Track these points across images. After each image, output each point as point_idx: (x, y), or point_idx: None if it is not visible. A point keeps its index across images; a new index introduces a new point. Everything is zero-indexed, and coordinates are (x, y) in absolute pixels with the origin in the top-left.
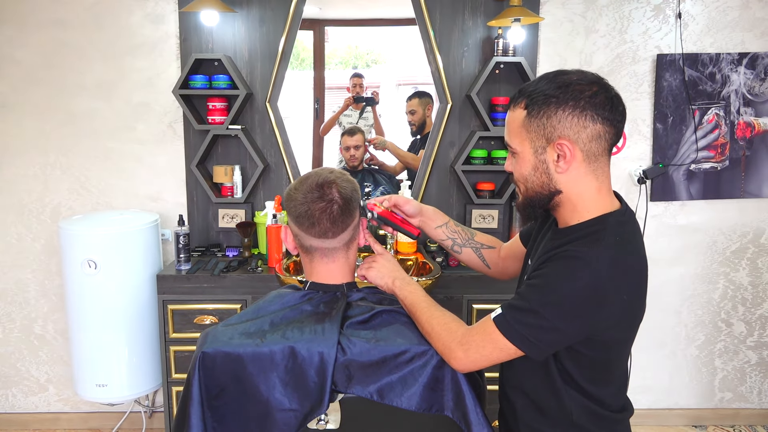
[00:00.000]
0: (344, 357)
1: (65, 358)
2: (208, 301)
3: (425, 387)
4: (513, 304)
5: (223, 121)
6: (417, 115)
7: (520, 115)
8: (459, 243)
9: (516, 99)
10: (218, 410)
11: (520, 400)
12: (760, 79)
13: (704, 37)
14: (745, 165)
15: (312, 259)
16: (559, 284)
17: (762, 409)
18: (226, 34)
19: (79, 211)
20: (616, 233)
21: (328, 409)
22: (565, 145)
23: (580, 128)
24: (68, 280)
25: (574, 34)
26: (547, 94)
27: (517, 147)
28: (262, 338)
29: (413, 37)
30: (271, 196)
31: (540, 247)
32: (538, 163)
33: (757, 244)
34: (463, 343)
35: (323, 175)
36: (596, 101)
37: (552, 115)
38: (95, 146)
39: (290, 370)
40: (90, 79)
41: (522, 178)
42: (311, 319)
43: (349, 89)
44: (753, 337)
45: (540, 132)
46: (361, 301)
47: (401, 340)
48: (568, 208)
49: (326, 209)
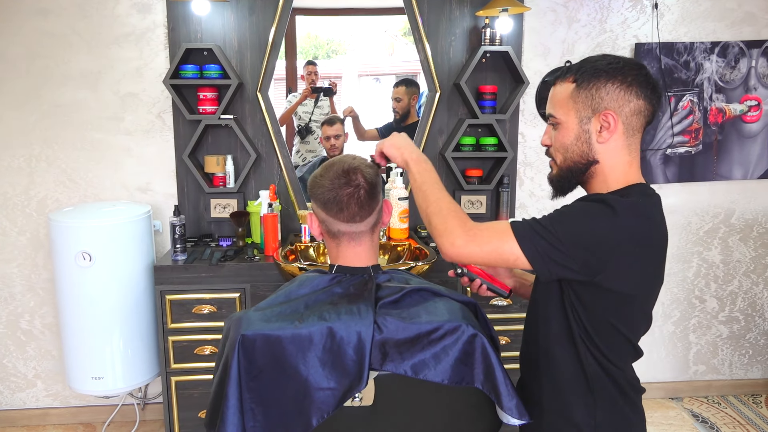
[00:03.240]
0: (380, 335)
1: (54, 353)
2: (206, 291)
3: (456, 361)
4: (532, 220)
5: (215, 111)
6: (402, 103)
7: (567, 87)
8: (529, 284)
9: (563, 75)
10: (256, 391)
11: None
12: (731, 67)
13: (679, 27)
14: (717, 149)
15: (339, 244)
16: (581, 219)
17: (733, 380)
18: (215, 23)
19: (66, 203)
20: (642, 197)
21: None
22: (610, 115)
23: (624, 102)
24: (60, 273)
25: (557, 24)
26: (598, 68)
27: (562, 117)
28: (300, 320)
29: (376, 27)
30: (262, 185)
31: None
32: (582, 133)
33: (728, 224)
34: (468, 230)
35: (347, 162)
36: (641, 80)
37: (601, 87)
38: (82, 137)
39: (329, 350)
40: (75, 69)
41: (562, 148)
42: (344, 300)
43: (303, 78)
44: (724, 312)
45: (587, 102)
46: (389, 282)
47: (433, 317)
48: (600, 179)
49: (354, 194)
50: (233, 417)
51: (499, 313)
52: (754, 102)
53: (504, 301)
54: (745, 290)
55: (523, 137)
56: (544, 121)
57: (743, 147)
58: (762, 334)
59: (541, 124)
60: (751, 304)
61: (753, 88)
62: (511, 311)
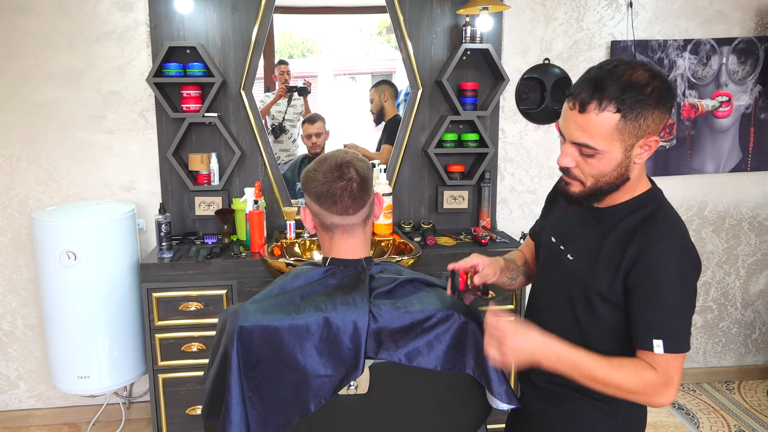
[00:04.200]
0: (375, 324)
1: (37, 354)
2: (193, 288)
3: (449, 348)
4: (678, 324)
5: (198, 109)
6: (375, 102)
7: (610, 119)
8: (513, 276)
9: (594, 100)
10: (254, 380)
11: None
12: (703, 64)
13: (653, 25)
14: (690, 144)
15: (332, 236)
16: (691, 287)
17: (707, 367)
18: (198, 21)
19: (48, 203)
20: (670, 207)
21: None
22: (653, 140)
23: (662, 122)
24: (44, 272)
25: (535, 22)
26: (641, 99)
27: (605, 148)
28: (296, 311)
29: (351, 26)
30: (247, 182)
31: (578, 230)
32: (624, 160)
33: (701, 216)
34: (667, 383)
35: (340, 156)
36: (671, 93)
37: (648, 117)
38: (63, 136)
39: (325, 339)
40: (56, 68)
41: (599, 174)
42: (339, 291)
43: (275, 77)
44: (698, 302)
45: (634, 132)
46: (382, 273)
47: (425, 306)
48: (623, 190)
49: (346, 187)
50: (237, 406)
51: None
52: (725, 98)
53: None
54: (718, 280)
55: (503, 133)
56: (524, 118)
57: (715, 141)
58: (734, 323)
59: (520, 120)
60: (723, 294)
61: (724, 85)
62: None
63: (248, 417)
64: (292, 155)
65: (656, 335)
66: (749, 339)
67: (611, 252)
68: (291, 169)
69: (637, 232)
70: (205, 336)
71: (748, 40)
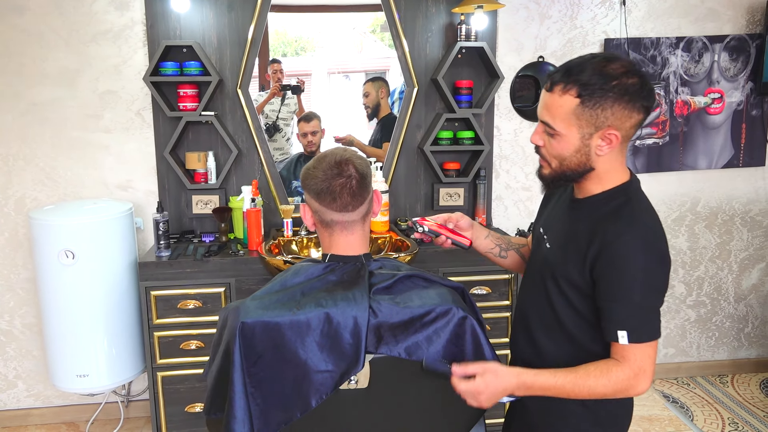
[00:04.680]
0: (375, 319)
1: (35, 353)
2: (191, 286)
3: (448, 342)
4: (642, 312)
5: (195, 108)
6: (370, 97)
7: (570, 102)
8: (504, 248)
9: (561, 82)
10: (256, 376)
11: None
12: (695, 61)
13: (646, 23)
14: (683, 140)
15: (332, 233)
16: (658, 276)
17: (701, 361)
18: (194, 20)
19: (45, 202)
20: (640, 201)
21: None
22: (612, 134)
23: (626, 118)
24: (42, 271)
25: (530, 20)
26: (604, 89)
27: (562, 130)
28: (297, 307)
29: (344, 24)
30: (243, 181)
31: (552, 219)
32: (582, 147)
33: (694, 212)
34: (637, 374)
35: (339, 154)
36: (642, 93)
37: (607, 108)
38: (60, 136)
39: (326, 334)
40: (52, 67)
41: (558, 157)
42: (339, 287)
43: (268, 76)
44: (692, 296)
45: (591, 121)
46: (381, 269)
47: (424, 301)
48: (594, 181)
49: (346, 184)
50: (240, 401)
51: (481, 302)
52: (717, 95)
53: (484, 290)
54: (711, 275)
55: (498, 131)
56: (519, 116)
57: (707, 138)
58: (727, 317)
59: (515, 117)
60: (716, 288)
61: (716, 81)
62: (492, 299)
63: (251, 412)
64: (287, 154)
65: (620, 326)
66: (742, 333)
67: (579, 243)
68: (287, 168)
69: (602, 225)
70: (204, 334)
71: (740, 38)
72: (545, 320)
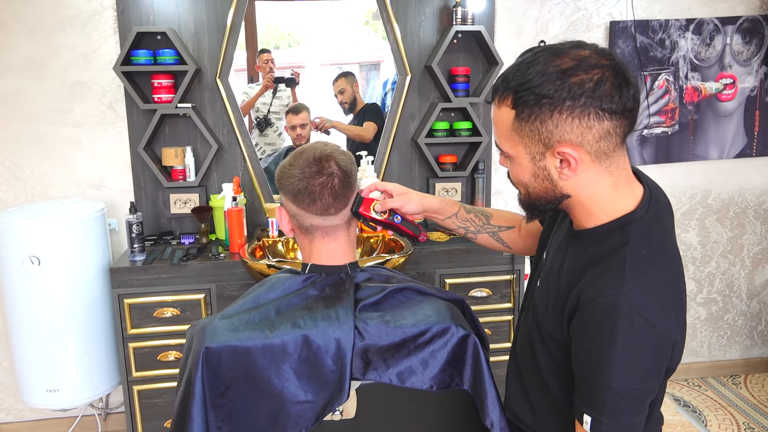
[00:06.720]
0: (362, 342)
1: (4, 364)
2: (168, 293)
3: (446, 364)
4: (587, 396)
5: (171, 100)
6: (347, 93)
7: (507, 115)
8: (473, 230)
9: (499, 91)
10: (224, 408)
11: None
12: (706, 45)
13: (654, 4)
14: (693, 129)
15: (312, 240)
16: (607, 345)
17: (712, 361)
18: (169, 5)
19: (11, 203)
20: (645, 244)
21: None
22: (567, 152)
23: (583, 129)
24: (5, 280)
25: (530, 2)
26: (538, 94)
27: (510, 151)
28: (271, 328)
29: (337, 15)
30: (226, 178)
31: (554, 246)
32: (538, 170)
33: (704, 205)
34: None
35: (319, 149)
36: (600, 93)
37: (546, 120)
38: (26, 131)
39: (304, 360)
40: (16, 57)
41: (520, 183)
42: (320, 303)
43: (258, 68)
44: (702, 294)
45: (534, 138)
46: (369, 281)
47: (419, 319)
48: (581, 211)
49: (327, 183)
50: None
51: (480, 305)
52: (730, 80)
53: (483, 292)
54: (723, 271)
55: None
56: None
57: (719, 126)
58: (739, 314)
59: None
60: (728, 285)
61: (728, 66)
62: (492, 302)
63: None
64: (281, 147)
65: (586, 409)
66: (755, 331)
67: (561, 290)
68: (275, 162)
69: (588, 273)
70: (183, 344)
71: (753, 19)
72: (530, 369)
